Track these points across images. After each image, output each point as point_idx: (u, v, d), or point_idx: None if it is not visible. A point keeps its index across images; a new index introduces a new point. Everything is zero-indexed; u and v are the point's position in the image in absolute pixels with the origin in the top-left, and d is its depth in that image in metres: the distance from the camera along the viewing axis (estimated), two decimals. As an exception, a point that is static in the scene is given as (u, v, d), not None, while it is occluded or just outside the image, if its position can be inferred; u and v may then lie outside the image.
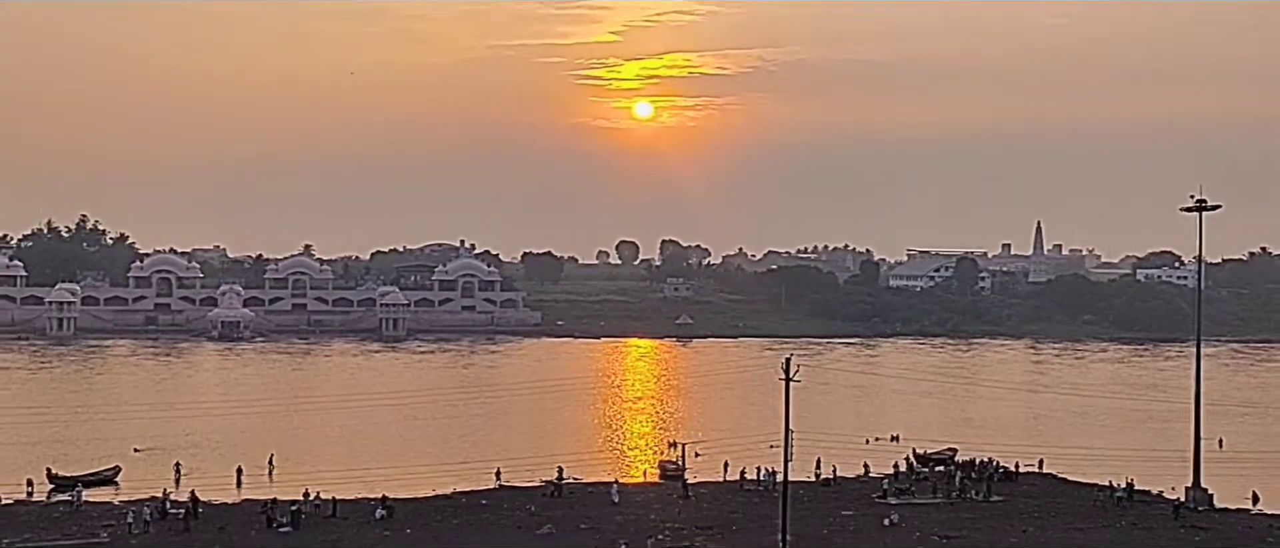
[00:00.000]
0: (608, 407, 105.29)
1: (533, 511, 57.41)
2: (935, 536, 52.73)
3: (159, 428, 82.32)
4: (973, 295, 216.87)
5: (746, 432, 70.05)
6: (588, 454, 72.68)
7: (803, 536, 49.39)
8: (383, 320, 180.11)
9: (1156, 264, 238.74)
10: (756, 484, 63.52)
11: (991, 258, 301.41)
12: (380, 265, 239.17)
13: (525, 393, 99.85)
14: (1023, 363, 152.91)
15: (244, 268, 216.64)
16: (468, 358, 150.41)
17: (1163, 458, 65.61)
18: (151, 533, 52.00)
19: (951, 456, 71.44)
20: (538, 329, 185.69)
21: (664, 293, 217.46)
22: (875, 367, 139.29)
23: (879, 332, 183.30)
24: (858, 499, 60.88)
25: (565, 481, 63.26)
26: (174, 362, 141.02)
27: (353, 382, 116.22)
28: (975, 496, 61.80)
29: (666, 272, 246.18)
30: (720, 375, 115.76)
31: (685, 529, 53.06)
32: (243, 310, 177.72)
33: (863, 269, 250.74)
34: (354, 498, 57.88)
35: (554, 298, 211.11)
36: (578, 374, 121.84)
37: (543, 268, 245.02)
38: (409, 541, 51.65)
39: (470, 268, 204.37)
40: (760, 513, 55.14)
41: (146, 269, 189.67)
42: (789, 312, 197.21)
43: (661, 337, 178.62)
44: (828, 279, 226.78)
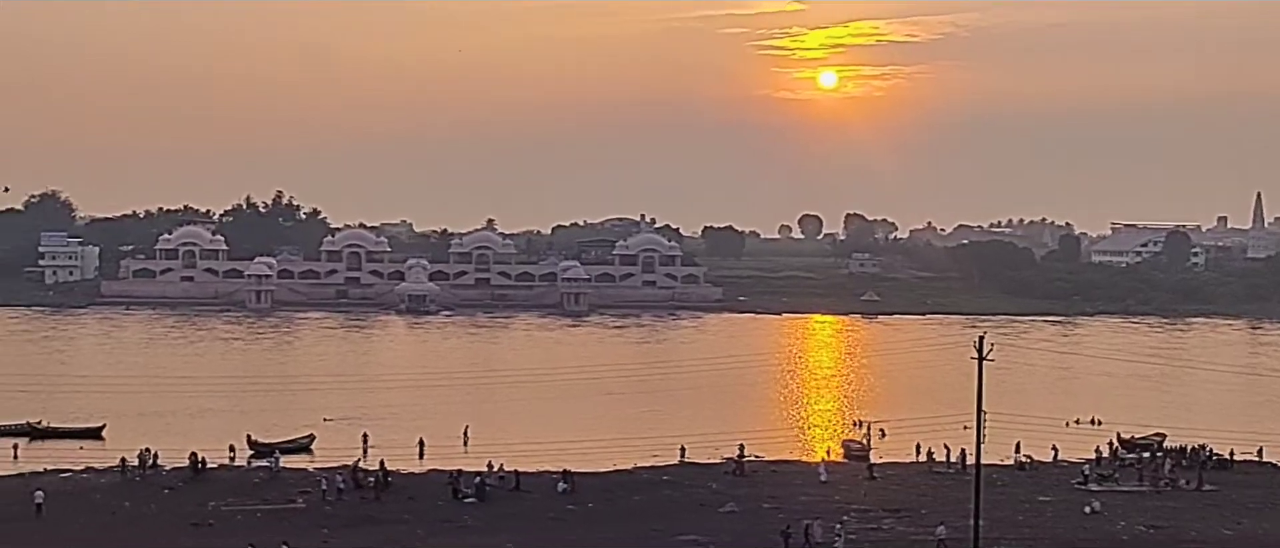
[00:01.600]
0: (790, 384, 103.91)
1: (715, 488, 56.80)
2: (1140, 525, 50.03)
3: (350, 399, 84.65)
4: (1183, 272, 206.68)
5: (936, 412, 67.72)
6: (770, 432, 71.49)
7: (997, 521, 47.37)
8: (564, 295, 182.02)
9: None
10: (947, 467, 61.42)
11: (1205, 232, 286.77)
12: (562, 240, 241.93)
13: (707, 369, 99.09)
14: (1240, 345, 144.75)
15: (430, 242, 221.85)
16: (649, 333, 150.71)
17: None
18: (344, 501, 53.25)
19: (1159, 441, 67.79)
20: (719, 305, 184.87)
21: (849, 268, 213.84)
22: (1076, 347, 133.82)
23: (1080, 311, 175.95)
24: (1056, 485, 58.30)
25: (747, 458, 62.37)
26: (363, 334, 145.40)
27: (535, 356, 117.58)
28: (1185, 484, 58.41)
29: (851, 246, 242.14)
30: (908, 353, 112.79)
31: (872, 511, 51.57)
32: (429, 284, 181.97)
33: (1062, 244, 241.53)
34: (537, 471, 58.21)
35: (736, 273, 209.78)
36: (760, 351, 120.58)
37: (724, 242, 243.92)
38: (591, 515, 51.62)
39: (651, 243, 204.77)
40: (951, 497, 53.18)
41: (338, 244, 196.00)
42: (982, 289, 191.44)
43: (846, 314, 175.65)
44: (1024, 255, 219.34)
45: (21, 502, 51.02)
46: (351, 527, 48.01)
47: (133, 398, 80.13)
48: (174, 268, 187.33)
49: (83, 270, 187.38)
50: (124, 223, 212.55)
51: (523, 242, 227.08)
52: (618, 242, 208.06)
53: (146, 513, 50.64)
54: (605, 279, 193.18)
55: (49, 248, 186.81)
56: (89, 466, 60.16)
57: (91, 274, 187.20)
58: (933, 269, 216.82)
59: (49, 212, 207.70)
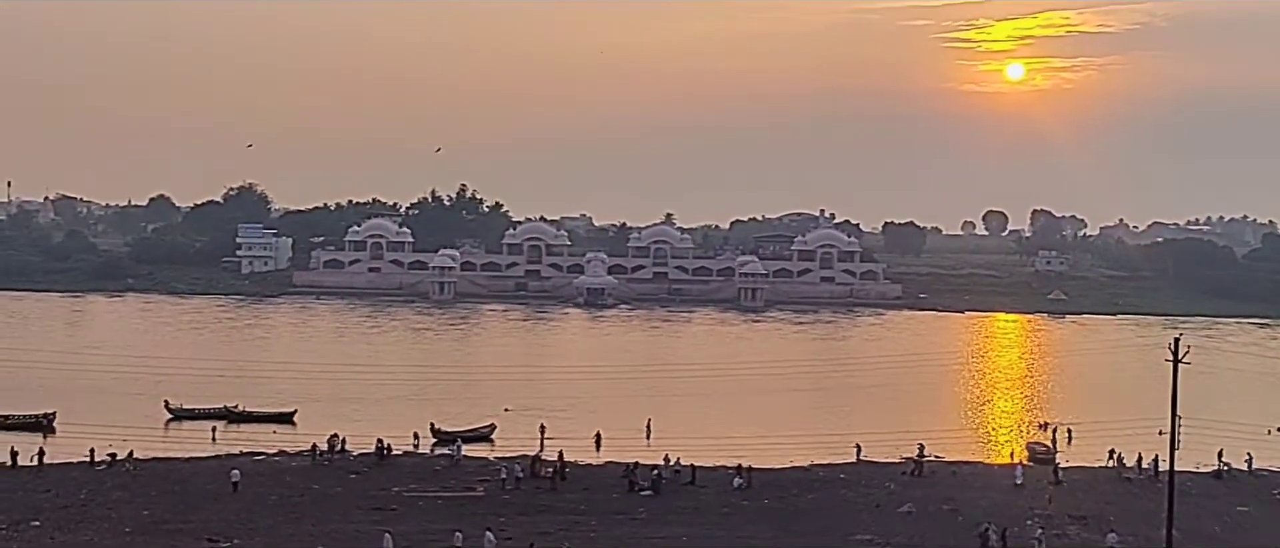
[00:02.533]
0: (972, 384, 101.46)
1: (892, 488, 55.86)
2: (1350, 540, 47.14)
3: (529, 390, 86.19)
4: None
5: (1127, 416, 65.19)
6: (951, 433, 69.97)
7: (1190, 532, 45.26)
8: (741, 290, 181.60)
9: None
10: (1137, 472, 59.07)
11: None
12: (739, 235, 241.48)
13: (886, 367, 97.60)
14: None
15: (608, 236, 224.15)
16: (827, 330, 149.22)
17: None
18: (522, 490, 54.25)
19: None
20: (898, 302, 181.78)
21: (1035, 266, 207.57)
22: (1278, 351, 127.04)
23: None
24: (1256, 495, 55.45)
25: (926, 459, 61.14)
26: (542, 326, 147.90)
27: (712, 351, 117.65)
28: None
29: (1038, 243, 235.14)
30: (1097, 355, 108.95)
31: (1056, 518, 49.92)
32: (606, 278, 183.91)
33: (1265, 242, 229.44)
34: (713, 466, 58.20)
35: (916, 270, 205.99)
36: (941, 349, 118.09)
37: (904, 238, 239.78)
38: (764, 511, 51.36)
39: (830, 238, 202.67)
40: (1140, 505, 51.17)
41: (518, 237, 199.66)
42: (1178, 289, 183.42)
43: (1031, 313, 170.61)
44: (1224, 253, 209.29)
45: (219, 480, 53.59)
46: (527, 515, 48.86)
47: (323, 384, 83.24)
48: (361, 259, 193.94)
49: (276, 261, 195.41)
50: (315, 215, 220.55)
51: (700, 236, 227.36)
52: (795, 237, 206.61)
53: (333, 495, 52.57)
54: (782, 275, 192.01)
55: (245, 239, 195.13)
56: (281, 449, 62.77)
57: (284, 265, 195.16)
58: (1124, 268, 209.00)
59: (246, 204, 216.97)
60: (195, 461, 59.78)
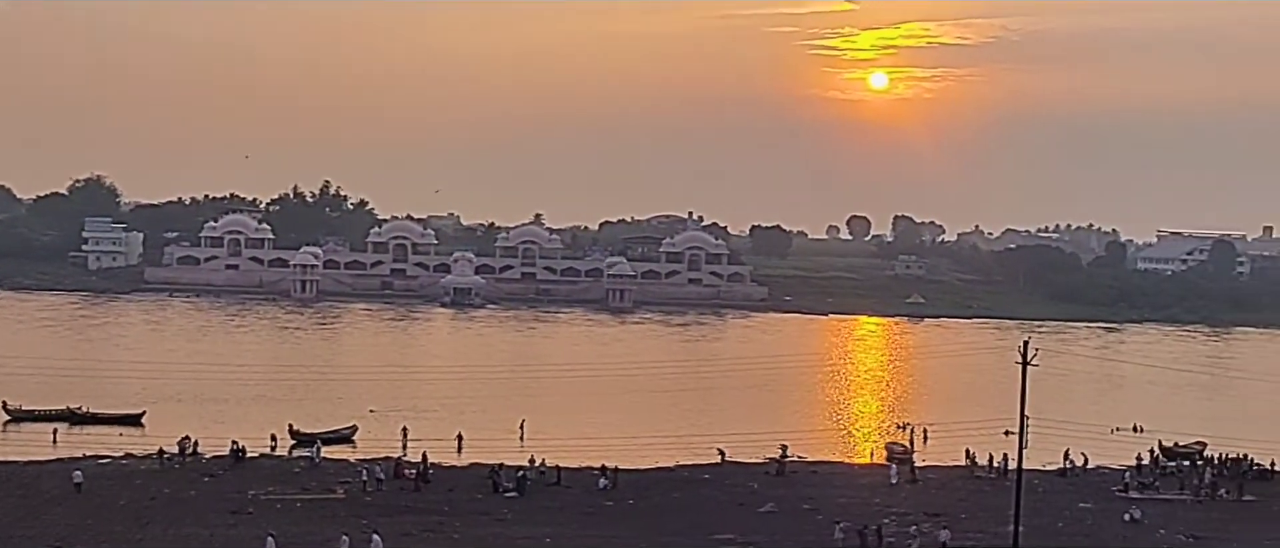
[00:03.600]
0: (834, 385, 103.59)
1: (755, 488, 56.80)
2: (1181, 534, 49.53)
3: (394, 390, 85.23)
4: (1229, 281, 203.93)
5: (979, 416, 67.37)
6: (813, 433, 71.38)
7: (1036, 527, 47.06)
8: (609, 291, 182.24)
9: None
10: (988, 471, 61.10)
11: (1252, 241, 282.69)
12: (608, 236, 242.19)
13: (751, 369, 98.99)
14: None
15: (476, 236, 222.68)
16: (694, 331, 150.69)
17: None
18: (384, 492, 53.71)
19: (1200, 450, 67.04)
20: (764, 304, 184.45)
21: (895, 270, 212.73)
22: (1120, 354, 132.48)
23: (1125, 317, 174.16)
24: (1097, 492, 57.85)
25: (788, 459, 62.30)
26: (407, 326, 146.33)
27: (579, 352, 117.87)
28: (1225, 494, 57.80)
29: (898, 248, 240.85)
30: (952, 357, 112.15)
31: (911, 515, 51.39)
32: (474, 278, 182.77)
33: (1108, 250, 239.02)
34: (579, 467, 58.42)
35: (782, 272, 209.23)
36: (804, 351, 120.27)
37: (771, 242, 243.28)
38: (629, 511, 51.76)
39: (697, 240, 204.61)
40: (991, 502, 52.96)
41: (384, 235, 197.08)
42: (1027, 293, 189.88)
43: (891, 315, 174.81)
44: (1070, 260, 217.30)
45: (62, 483, 51.86)
46: (389, 517, 48.37)
47: (176, 385, 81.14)
48: (219, 256, 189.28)
49: (127, 257, 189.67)
50: (169, 210, 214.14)
51: (569, 237, 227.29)
52: (664, 238, 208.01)
53: (185, 498, 51.25)
54: (650, 276, 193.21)
55: (93, 233, 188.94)
56: (128, 452, 60.85)
57: (135, 260, 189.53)
58: (978, 273, 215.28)
59: (94, 197, 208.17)
60: (36, 464, 57.47)
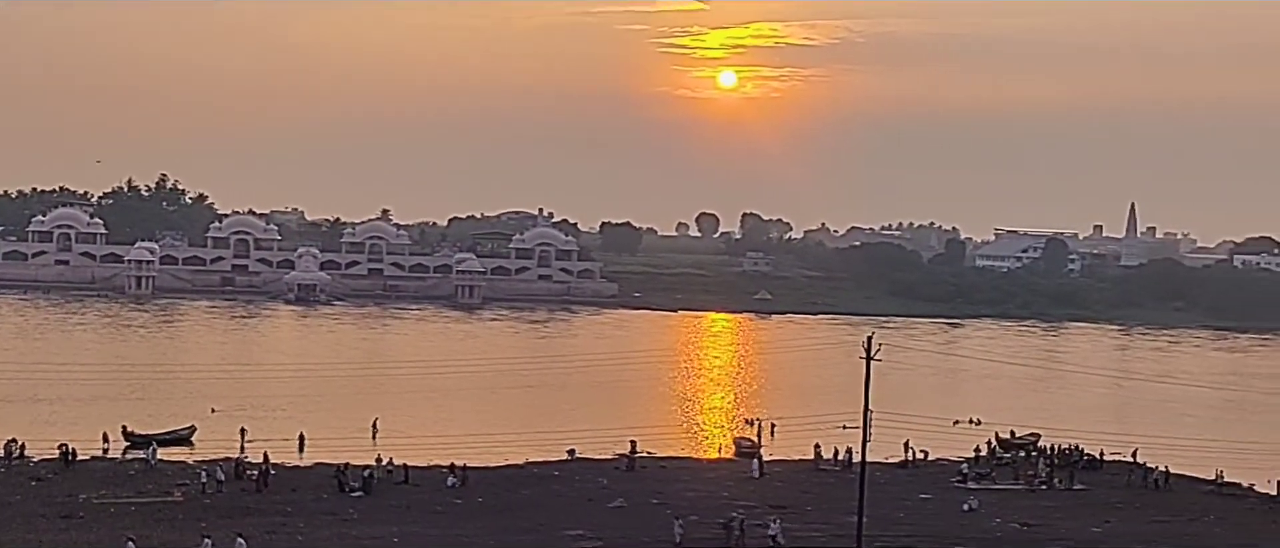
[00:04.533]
0: (683, 381, 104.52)
1: (605, 484, 56.95)
2: (1014, 523, 51.33)
3: (235, 389, 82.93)
4: (1061, 278, 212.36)
5: (824, 410, 68.70)
6: (662, 429, 71.88)
7: (878, 518, 48.18)
8: (459, 288, 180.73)
9: (1254, 251, 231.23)
10: (833, 464, 62.37)
11: (1082, 239, 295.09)
12: (457, 232, 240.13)
13: (600, 365, 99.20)
14: (1111, 349, 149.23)
15: (321, 231, 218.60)
16: (543, 328, 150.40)
17: (1257, 451, 63.30)
18: (224, 494, 52.24)
19: (1034, 441, 69.60)
20: (614, 300, 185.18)
21: (743, 267, 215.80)
22: (959, 348, 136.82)
23: (963, 313, 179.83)
24: (936, 483, 59.54)
25: (638, 455, 62.61)
26: (250, 323, 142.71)
27: (427, 349, 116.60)
28: (1058, 483, 60.13)
29: (747, 245, 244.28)
30: (798, 352, 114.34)
31: (758, 508, 52.12)
32: (319, 274, 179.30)
33: (948, 248, 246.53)
34: (426, 465, 57.79)
35: (631, 269, 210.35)
36: (654, 347, 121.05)
37: (621, 238, 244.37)
38: (478, 509, 51.36)
39: (547, 237, 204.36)
40: (835, 494, 54.02)
41: (225, 230, 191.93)
42: (871, 290, 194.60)
43: (739, 312, 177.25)
44: (912, 257, 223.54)
45: None
46: (230, 519, 47.07)
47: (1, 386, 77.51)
48: (47, 251, 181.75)
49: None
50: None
51: (417, 232, 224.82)
52: (514, 235, 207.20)
53: (10, 503, 49.02)
54: (500, 272, 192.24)
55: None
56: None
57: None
58: (823, 269, 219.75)
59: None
60: None
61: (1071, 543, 48.05)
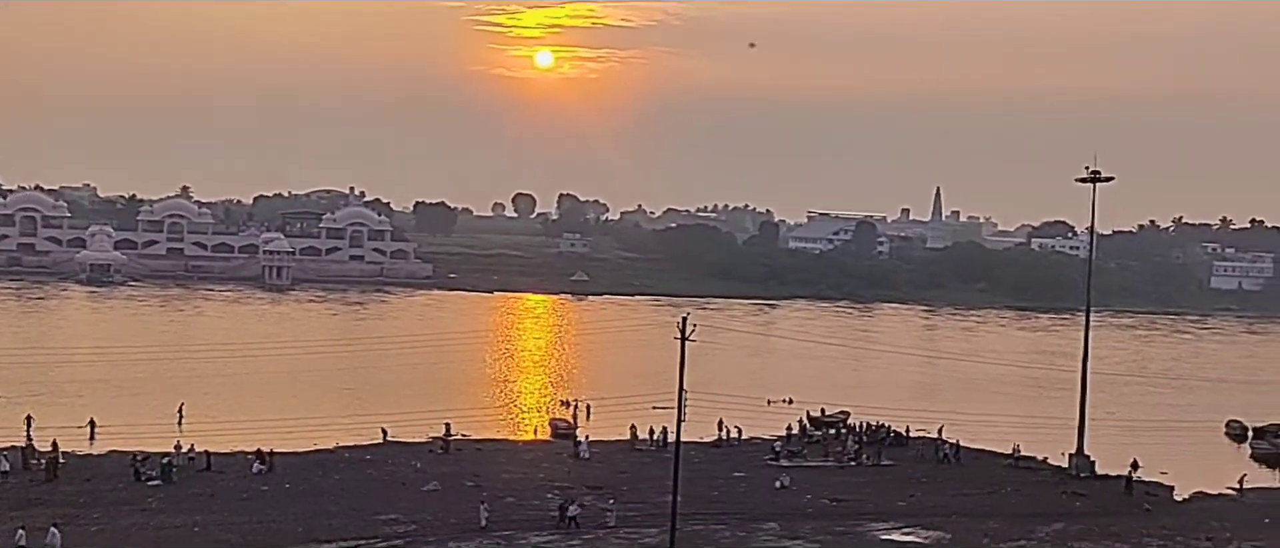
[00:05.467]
0: (499, 363, 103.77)
1: (418, 467, 56.02)
2: (824, 498, 52.54)
3: (21, 374, 78.51)
4: (871, 259, 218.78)
5: (640, 391, 69.05)
6: (478, 411, 71.13)
7: (693, 497, 48.66)
8: (266, 268, 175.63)
9: (1050, 234, 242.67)
10: (649, 444, 62.72)
11: (890, 222, 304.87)
12: (264, 211, 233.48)
13: (414, 347, 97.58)
14: (918, 328, 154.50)
15: (116, 209, 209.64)
16: (355, 309, 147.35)
17: (1052, 425, 66.31)
18: (12, 484, 49.46)
19: (844, 419, 71.37)
20: (429, 282, 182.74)
21: (560, 248, 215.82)
22: (772, 328, 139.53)
23: (776, 293, 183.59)
24: (750, 461, 60.47)
25: (453, 437, 61.84)
26: (40, 305, 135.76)
27: (232, 331, 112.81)
28: (866, 459, 61.80)
29: (563, 226, 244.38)
30: (615, 333, 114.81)
31: (574, 488, 52.09)
32: (114, 253, 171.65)
33: (762, 230, 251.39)
34: (230, 452, 55.84)
35: (447, 250, 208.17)
36: (469, 329, 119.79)
37: (436, 219, 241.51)
38: (287, 495, 49.86)
39: (360, 216, 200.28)
40: (651, 474, 54.35)
41: (10, 206, 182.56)
42: (686, 271, 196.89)
43: (556, 293, 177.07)
44: (726, 239, 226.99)
45: None
46: (20, 510, 44.52)
47: None
48: None
49: None
50: None
51: (221, 211, 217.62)
52: (324, 214, 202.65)
53: None
54: (310, 253, 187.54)
55: None
56: None
57: None
58: (640, 251, 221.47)
59: None
60: None
61: (878, 515, 49.39)
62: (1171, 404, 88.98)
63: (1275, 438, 75.08)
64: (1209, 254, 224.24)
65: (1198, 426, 76.98)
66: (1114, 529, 47.67)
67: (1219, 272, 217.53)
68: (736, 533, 45.27)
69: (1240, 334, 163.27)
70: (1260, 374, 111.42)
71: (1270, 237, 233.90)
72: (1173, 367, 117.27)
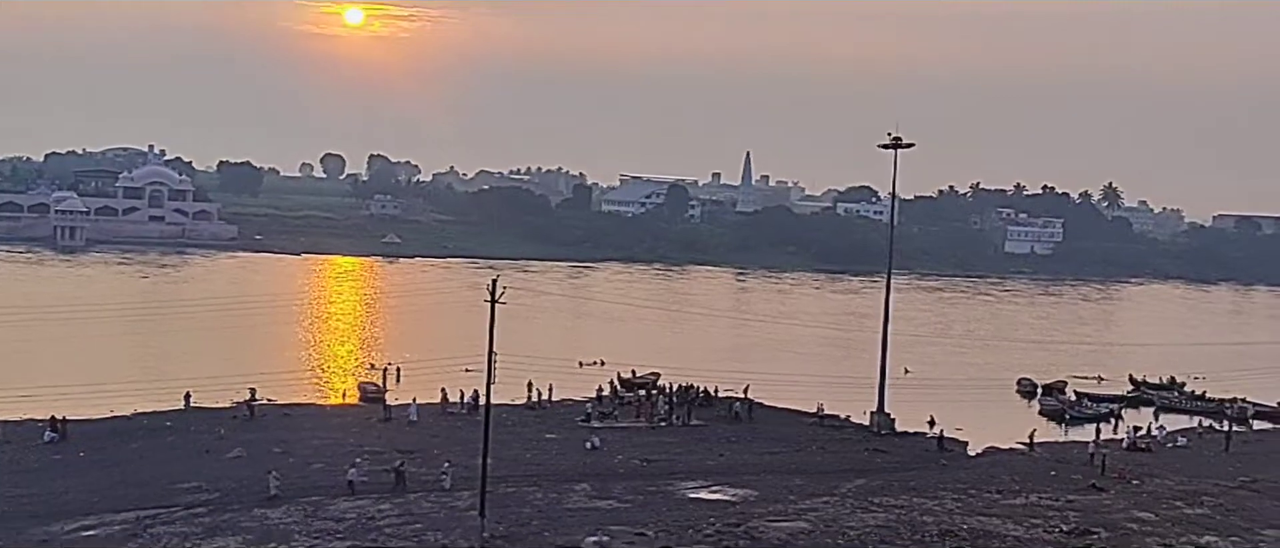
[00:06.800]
0: (307, 327, 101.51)
1: (222, 434, 54.48)
2: (636, 459, 53.18)
3: None
4: (683, 223, 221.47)
5: (451, 354, 68.52)
6: (285, 375, 69.40)
7: (505, 459, 48.67)
8: (58, 229, 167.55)
9: (855, 199, 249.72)
10: (460, 407, 62.37)
11: (702, 186, 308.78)
12: (56, 169, 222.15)
13: (219, 310, 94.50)
14: (728, 291, 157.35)
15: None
16: (156, 272, 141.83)
17: (856, 384, 68.51)
18: None
19: (655, 380, 72.28)
20: (234, 244, 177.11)
21: (370, 210, 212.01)
22: (585, 291, 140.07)
23: (590, 257, 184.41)
24: (562, 423, 60.73)
25: (258, 402, 60.34)
26: None
27: (20, 293, 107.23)
28: (677, 420, 62.76)
29: (374, 188, 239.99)
30: (426, 296, 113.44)
31: (385, 453, 51.46)
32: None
33: (575, 193, 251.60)
34: (18, 420, 53.21)
35: (252, 211, 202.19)
36: (276, 292, 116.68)
37: (241, 179, 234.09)
38: (81, 465, 47.84)
39: (159, 175, 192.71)
40: (463, 437, 54.05)
41: None
42: (500, 233, 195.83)
43: (367, 255, 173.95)
44: (540, 202, 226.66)
45: None
46: None
47: None
48: None
49: None
50: None
51: (8, 168, 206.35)
52: (121, 173, 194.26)
53: None
54: (106, 213, 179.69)
55: None
56: None
57: None
58: (453, 213, 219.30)
59: None
60: None
61: (688, 474, 50.25)
62: (970, 363, 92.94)
63: (1061, 395, 79.58)
64: (1004, 220, 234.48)
65: (992, 383, 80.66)
66: (912, 484, 49.60)
67: (1013, 237, 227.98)
68: (548, 494, 45.44)
69: (1038, 296, 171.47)
70: (1052, 335, 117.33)
71: (1061, 202, 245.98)
72: (975, 328, 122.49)
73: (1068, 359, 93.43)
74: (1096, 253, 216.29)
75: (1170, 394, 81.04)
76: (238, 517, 40.51)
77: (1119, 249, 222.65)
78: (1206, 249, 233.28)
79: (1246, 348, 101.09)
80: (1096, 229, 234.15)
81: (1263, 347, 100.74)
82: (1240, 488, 51.83)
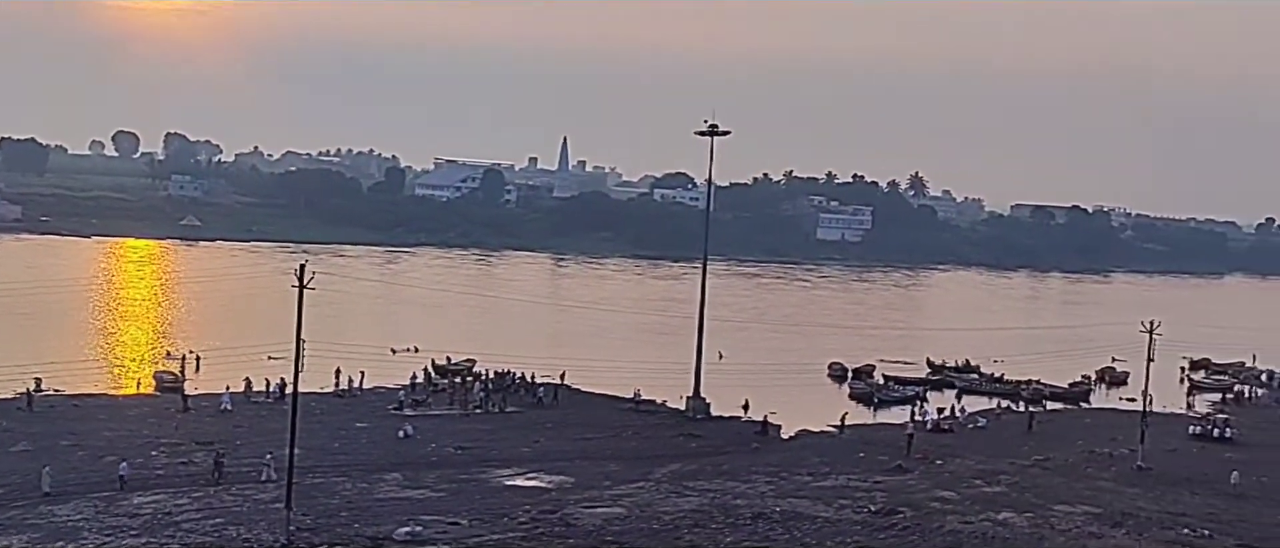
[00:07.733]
0: (99, 314, 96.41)
1: (5, 426, 51.08)
2: (450, 447, 52.13)
3: None
4: (498, 208, 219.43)
5: (256, 341, 65.82)
6: (74, 365, 65.48)
7: (313, 449, 47.01)
8: None
9: (671, 185, 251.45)
10: (265, 395, 60.02)
11: (518, 171, 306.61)
12: None
13: (1, 295, 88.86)
14: (544, 276, 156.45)
15: None
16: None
17: (673, 370, 68.64)
18: None
19: (470, 366, 71.07)
20: (18, 225, 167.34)
21: (168, 191, 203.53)
22: (398, 277, 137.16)
23: (403, 241, 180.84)
24: (373, 411, 59.15)
25: (44, 393, 56.90)
26: None
27: None
28: (492, 407, 61.78)
29: (171, 168, 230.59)
30: (228, 281, 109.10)
31: (183, 445, 49.11)
32: None
33: (388, 176, 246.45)
34: None
35: (38, 191, 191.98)
36: (64, 277, 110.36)
37: (25, 156, 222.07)
38: None
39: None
40: (268, 426, 52.01)
41: None
42: (308, 217, 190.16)
43: (164, 238, 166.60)
44: (350, 184, 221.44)
45: None
46: None
47: None
48: None
49: None
50: None
51: None
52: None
53: None
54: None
55: None
56: None
57: None
58: (258, 195, 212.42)
59: None
60: None
61: (503, 462, 49.47)
62: (784, 348, 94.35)
63: (870, 379, 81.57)
64: (815, 207, 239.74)
65: (804, 368, 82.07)
66: (725, 468, 49.86)
67: (825, 224, 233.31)
68: (358, 484, 44.00)
69: (851, 283, 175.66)
70: (864, 320, 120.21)
71: (870, 191, 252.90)
72: (792, 314, 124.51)
73: (877, 344, 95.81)
74: (904, 240, 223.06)
75: (969, 377, 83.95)
76: (23, 514, 38.07)
77: (925, 237, 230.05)
78: (1005, 238, 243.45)
79: (1042, 332, 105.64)
80: (903, 217, 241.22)
81: (1056, 331, 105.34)
82: (1034, 466, 53.88)
